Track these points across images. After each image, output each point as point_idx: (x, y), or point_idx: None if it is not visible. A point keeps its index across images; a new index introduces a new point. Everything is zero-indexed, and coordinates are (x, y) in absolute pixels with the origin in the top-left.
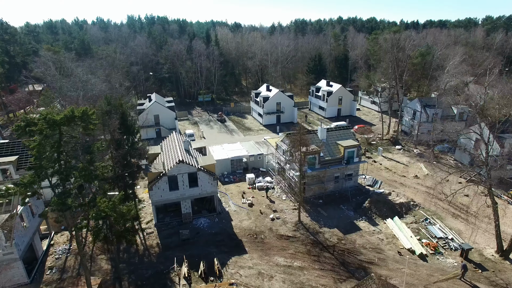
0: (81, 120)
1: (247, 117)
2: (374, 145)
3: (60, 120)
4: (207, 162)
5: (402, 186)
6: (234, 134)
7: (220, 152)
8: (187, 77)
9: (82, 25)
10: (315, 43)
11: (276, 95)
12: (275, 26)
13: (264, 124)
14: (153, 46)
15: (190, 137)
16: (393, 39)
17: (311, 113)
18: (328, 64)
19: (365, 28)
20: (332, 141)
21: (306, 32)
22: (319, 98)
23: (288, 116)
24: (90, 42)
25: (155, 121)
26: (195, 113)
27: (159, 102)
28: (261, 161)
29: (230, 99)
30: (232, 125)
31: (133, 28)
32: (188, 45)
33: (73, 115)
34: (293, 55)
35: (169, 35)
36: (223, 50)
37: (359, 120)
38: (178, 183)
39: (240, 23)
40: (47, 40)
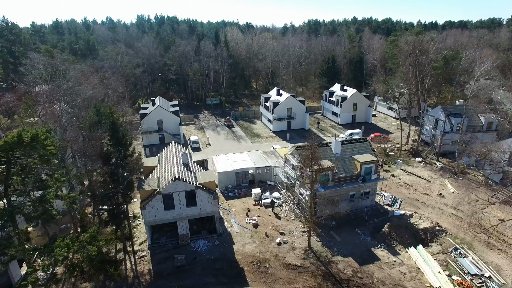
0: (30, 146)
1: (256, 123)
2: (392, 156)
3: (2, 145)
4: (207, 178)
5: (425, 206)
6: (242, 141)
7: (224, 163)
8: (195, 79)
9: (90, 25)
10: (329, 45)
11: (286, 100)
12: (288, 26)
13: (273, 131)
14: (160, 46)
15: (194, 144)
16: (415, 42)
17: (323, 119)
18: (342, 67)
19: (380, 29)
20: (348, 155)
21: (319, 33)
22: (333, 103)
23: (300, 122)
24: (95, 43)
25: (159, 127)
26: (202, 117)
27: (162, 107)
28: (269, 174)
29: (239, 102)
30: (240, 131)
31: (142, 28)
32: (196, 46)
33: (20, 140)
34: (305, 57)
35: (178, 35)
36: (233, 51)
37: (375, 128)
38: (174, 202)
39: (251, 24)
40: (51, 41)
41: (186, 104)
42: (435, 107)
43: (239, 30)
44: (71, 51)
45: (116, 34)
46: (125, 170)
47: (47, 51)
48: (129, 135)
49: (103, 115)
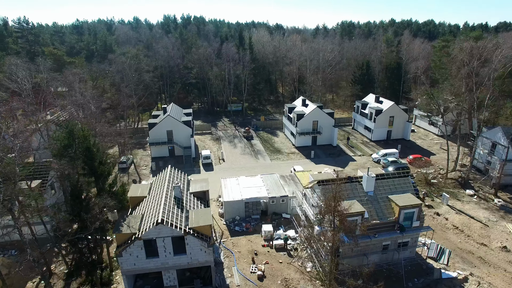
0: None
1: (278, 135)
2: (436, 186)
3: None
4: (201, 221)
5: (483, 265)
6: (259, 158)
7: (233, 189)
8: (215, 83)
9: (112, 25)
10: (363, 49)
11: (313, 112)
12: (319, 28)
13: (296, 146)
14: (182, 48)
15: (206, 160)
16: (474, 49)
17: (354, 133)
18: (377, 74)
19: (421, 32)
20: (382, 195)
21: (353, 36)
22: (365, 116)
23: (326, 137)
24: (113, 44)
25: (168, 138)
26: (220, 125)
27: (173, 116)
28: (285, 205)
29: (262, 110)
30: (259, 144)
31: (166, 29)
32: (218, 48)
33: None
34: (337, 62)
35: (204, 36)
36: (258, 54)
37: (414, 147)
38: (158, 249)
39: (281, 25)
40: (70, 41)
41: (206, 110)
42: (491, 126)
43: (268, 31)
44: (89, 52)
45: (139, 35)
46: (98, 208)
47: (51, 53)
48: (110, 161)
49: (76, 138)
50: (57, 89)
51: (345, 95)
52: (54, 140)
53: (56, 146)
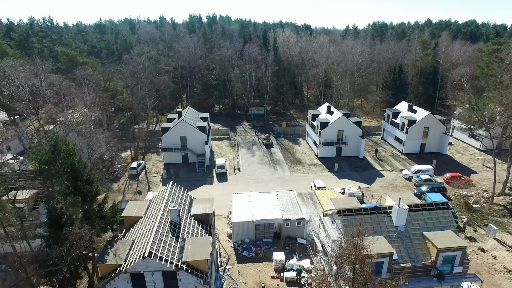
0: None
1: (300, 143)
2: (479, 213)
3: None
4: (197, 255)
5: None
6: (278, 169)
7: (244, 207)
8: (236, 86)
9: (135, 24)
10: (396, 51)
11: (338, 121)
12: (349, 29)
13: (319, 157)
14: (205, 48)
15: (220, 169)
16: None
17: (383, 144)
18: (410, 79)
19: (461, 33)
20: (416, 231)
21: (385, 38)
22: (396, 126)
23: (352, 148)
24: (133, 43)
25: (182, 144)
26: (240, 130)
27: (187, 121)
28: (301, 229)
29: (286, 114)
30: (278, 153)
31: (191, 28)
32: (241, 48)
33: None
34: (367, 66)
35: (228, 36)
36: (283, 56)
37: (451, 162)
38: (146, 284)
39: (309, 25)
40: (91, 40)
41: (226, 112)
42: None
43: (295, 31)
44: (109, 52)
45: (162, 34)
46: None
47: (64, 53)
48: (99, 179)
49: (60, 153)
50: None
51: (375, 101)
52: (33, 155)
53: (36, 161)
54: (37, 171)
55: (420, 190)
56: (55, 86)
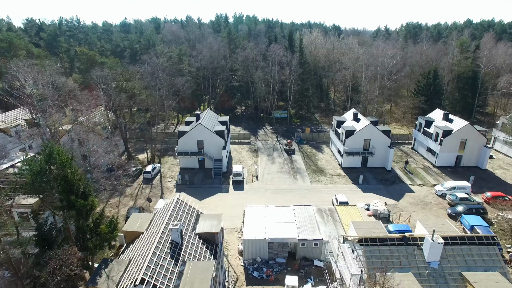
0: None
1: (323, 150)
2: None
3: None
4: (196, 283)
5: None
6: (298, 178)
7: (257, 223)
8: (259, 87)
9: (160, 23)
10: (430, 54)
11: (365, 129)
12: (381, 30)
13: (343, 167)
14: (229, 48)
15: (236, 177)
16: None
17: (413, 154)
18: (445, 84)
19: (507, 34)
20: (453, 269)
21: (419, 39)
22: (429, 137)
23: (380, 159)
24: (156, 42)
25: (198, 148)
26: (261, 134)
27: (204, 125)
28: (318, 250)
29: (310, 118)
30: (300, 160)
31: (217, 28)
32: (265, 49)
33: None
34: (398, 69)
35: (254, 36)
36: (309, 58)
37: (492, 179)
38: None
39: (338, 26)
40: (115, 40)
41: (249, 115)
42: None
43: (323, 32)
44: (132, 51)
45: (186, 34)
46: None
47: (82, 53)
48: (95, 192)
49: (55, 163)
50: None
51: (406, 107)
52: (24, 165)
53: (27, 172)
54: (29, 183)
55: (455, 210)
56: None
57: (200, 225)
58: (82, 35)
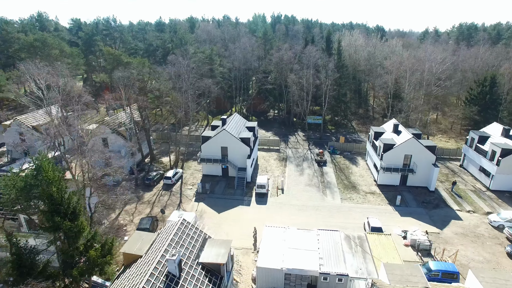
0: None
1: (358, 163)
2: None
3: None
4: None
5: None
6: (327, 194)
7: (274, 248)
8: (292, 91)
9: (195, 22)
10: (488, 58)
11: (406, 144)
12: (429, 31)
13: (378, 183)
14: (264, 49)
15: (260, 189)
16: None
17: (462, 173)
18: (505, 93)
19: None
20: None
21: (473, 42)
22: (483, 155)
23: (422, 177)
24: (189, 41)
25: (222, 155)
26: (293, 141)
27: (229, 131)
28: (342, 287)
29: (346, 126)
30: (331, 173)
31: (254, 28)
32: (301, 51)
33: None
34: (447, 76)
35: (292, 37)
36: (348, 61)
37: None
38: None
39: (382, 27)
40: (149, 39)
41: (281, 119)
42: None
43: (365, 33)
44: (164, 50)
45: (221, 33)
46: None
47: (108, 52)
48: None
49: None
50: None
51: (454, 117)
52: (7, 181)
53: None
54: (12, 199)
55: None
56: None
57: (205, 253)
58: (118, 34)
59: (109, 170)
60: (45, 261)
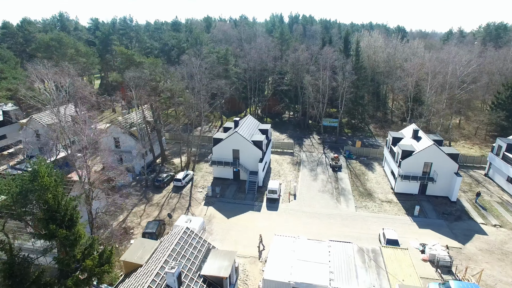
0: None
1: (374, 169)
2: None
3: None
4: None
5: None
6: (341, 201)
7: (283, 259)
8: (308, 93)
9: (211, 23)
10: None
11: (426, 151)
12: (453, 32)
13: (396, 192)
14: (280, 49)
15: (271, 194)
16: None
17: (487, 183)
18: None
19: None
20: None
21: (502, 43)
22: (511, 164)
23: (443, 187)
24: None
25: (234, 158)
26: (307, 144)
27: (241, 134)
28: None
29: (363, 129)
30: (346, 179)
31: (271, 28)
32: (317, 52)
33: None
34: (473, 79)
35: (309, 37)
36: (367, 62)
37: None
38: None
39: (403, 27)
40: (165, 38)
41: (296, 121)
42: None
43: (385, 34)
44: (179, 50)
45: (238, 33)
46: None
47: (121, 52)
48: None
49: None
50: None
51: (479, 122)
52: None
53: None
54: (7, 205)
55: None
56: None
57: (207, 264)
58: (134, 33)
59: (111, 173)
60: (40, 270)
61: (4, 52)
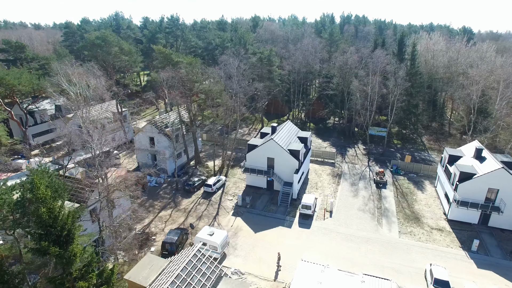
0: None
1: (425, 188)
2: None
3: None
4: None
5: None
6: (383, 224)
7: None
8: (355, 99)
9: (257, 22)
10: None
11: (492, 175)
12: None
13: (449, 219)
14: (329, 51)
15: (305, 210)
16: None
17: None
18: None
19: None
20: None
21: None
22: None
23: (511, 218)
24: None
25: (268, 166)
26: (351, 154)
27: (277, 141)
28: None
29: (416, 141)
30: (391, 198)
31: (320, 28)
32: (368, 55)
33: None
34: None
35: (362, 38)
36: (424, 67)
37: None
38: None
39: (470, 28)
40: (209, 37)
41: (341, 128)
42: None
43: (448, 36)
44: (222, 50)
45: (285, 33)
46: None
47: (159, 51)
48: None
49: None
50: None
51: None
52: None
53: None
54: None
55: None
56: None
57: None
58: (179, 32)
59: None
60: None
61: (61, 50)
